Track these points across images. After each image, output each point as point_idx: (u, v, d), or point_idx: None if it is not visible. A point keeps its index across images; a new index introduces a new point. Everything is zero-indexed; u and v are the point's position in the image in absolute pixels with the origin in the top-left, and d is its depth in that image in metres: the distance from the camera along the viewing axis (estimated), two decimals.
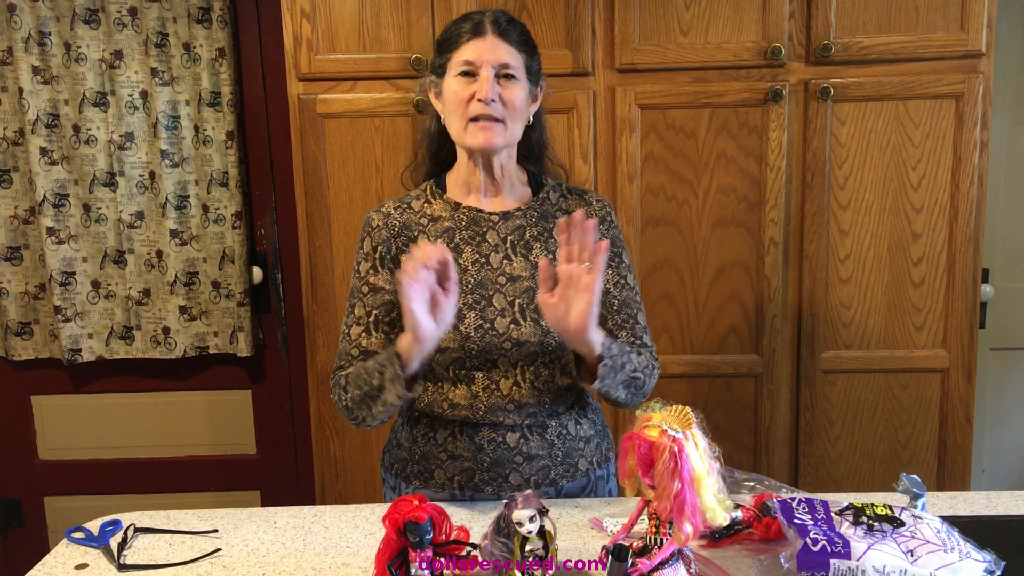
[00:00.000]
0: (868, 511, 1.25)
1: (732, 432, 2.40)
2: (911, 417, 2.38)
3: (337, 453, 2.44)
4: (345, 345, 1.61)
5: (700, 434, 1.18)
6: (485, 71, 1.52)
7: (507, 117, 1.54)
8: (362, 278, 1.61)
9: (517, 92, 1.54)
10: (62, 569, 1.39)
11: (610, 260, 1.62)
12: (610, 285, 1.63)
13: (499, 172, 1.60)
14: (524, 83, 1.56)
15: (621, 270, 1.64)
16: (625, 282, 1.64)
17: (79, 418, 3.00)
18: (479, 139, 1.53)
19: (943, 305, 2.33)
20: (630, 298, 1.64)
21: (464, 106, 1.53)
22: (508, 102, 1.53)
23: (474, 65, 1.52)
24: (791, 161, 2.30)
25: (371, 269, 1.61)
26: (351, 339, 1.60)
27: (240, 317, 2.84)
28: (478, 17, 1.55)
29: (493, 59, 1.52)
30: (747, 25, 2.24)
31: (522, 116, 1.58)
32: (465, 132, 1.54)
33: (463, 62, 1.53)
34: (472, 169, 1.60)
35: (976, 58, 2.22)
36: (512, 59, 1.54)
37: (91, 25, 2.68)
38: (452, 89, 1.54)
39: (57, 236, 2.77)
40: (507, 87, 1.53)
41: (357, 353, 1.58)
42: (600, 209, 1.66)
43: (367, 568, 1.35)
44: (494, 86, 1.52)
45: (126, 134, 2.73)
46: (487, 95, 1.50)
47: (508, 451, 1.59)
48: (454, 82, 1.54)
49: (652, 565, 1.16)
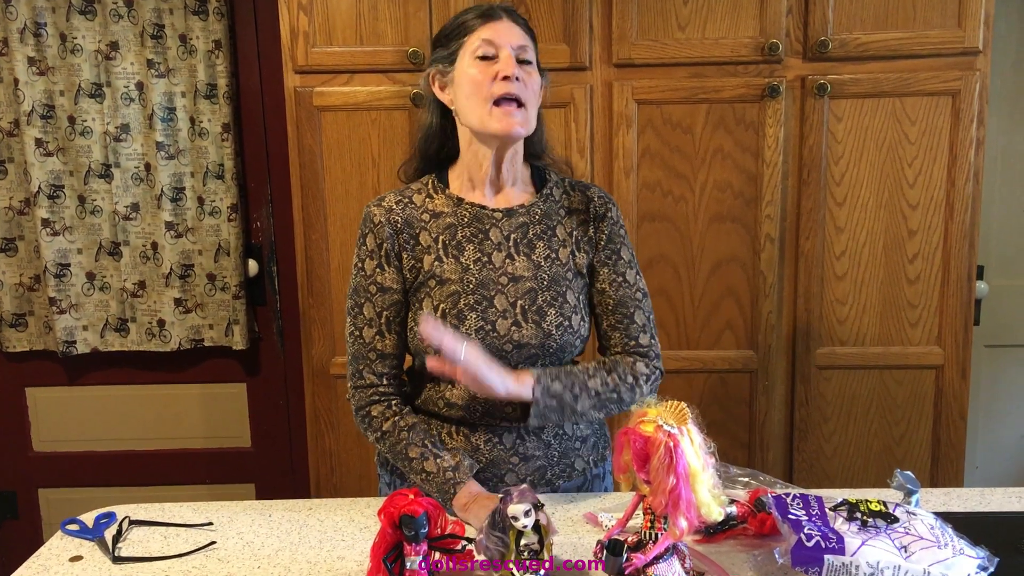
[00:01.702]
0: (862, 507, 1.26)
1: (727, 428, 2.40)
2: (905, 413, 2.38)
3: (332, 447, 2.44)
4: (359, 348, 1.59)
5: (695, 429, 1.18)
6: (506, 51, 1.50)
7: (528, 101, 1.52)
8: (368, 277, 1.59)
9: (535, 77, 1.54)
10: (57, 561, 1.39)
11: (606, 259, 1.62)
12: (605, 284, 1.61)
13: (507, 165, 1.58)
14: (537, 71, 1.56)
15: (619, 267, 1.62)
16: (623, 279, 1.62)
17: (74, 410, 3.00)
18: (504, 124, 1.50)
19: (938, 302, 2.33)
20: (627, 296, 1.61)
21: (486, 87, 1.49)
22: (529, 85, 1.52)
23: (494, 45, 1.50)
24: (787, 157, 2.30)
25: (377, 267, 1.58)
26: (365, 342, 1.59)
27: (235, 310, 2.83)
28: (487, 6, 1.55)
29: (512, 41, 1.51)
30: (744, 21, 2.24)
31: (538, 103, 1.56)
32: (489, 116, 1.50)
33: (482, 42, 1.51)
34: (480, 162, 1.58)
35: (973, 55, 2.22)
36: (527, 43, 1.54)
37: (87, 16, 2.67)
38: (469, 73, 1.51)
39: (52, 228, 2.76)
40: (526, 71, 1.52)
41: (374, 357, 1.58)
42: (601, 205, 1.63)
43: (362, 561, 1.35)
44: (517, 67, 1.50)
45: (122, 126, 2.72)
46: (513, 71, 1.48)
47: (504, 451, 1.58)
48: (471, 65, 1.51)
49: (647, 560, 1.16)
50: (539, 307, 1.55)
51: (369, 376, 1.59)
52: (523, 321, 1.55)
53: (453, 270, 1.56)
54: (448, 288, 1.55)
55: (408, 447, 1.55)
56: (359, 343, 1.59)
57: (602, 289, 1.62)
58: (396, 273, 1.58)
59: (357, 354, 1.60)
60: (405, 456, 1.55)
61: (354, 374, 1.61)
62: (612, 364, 1.59)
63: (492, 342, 1.53)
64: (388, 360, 1.60)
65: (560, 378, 1.52)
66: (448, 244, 1.57)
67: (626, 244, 1.65)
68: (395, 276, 1.58)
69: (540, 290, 1.56)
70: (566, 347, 1.57)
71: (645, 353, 1.61)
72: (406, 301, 1.59)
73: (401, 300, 1.59)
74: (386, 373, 1.60)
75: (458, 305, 1.54)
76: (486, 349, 1.52)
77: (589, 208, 1.63)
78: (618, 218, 1.65)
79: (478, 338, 1.53)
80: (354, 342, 1.60)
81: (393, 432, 1.57)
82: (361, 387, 1.60)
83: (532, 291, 1.56)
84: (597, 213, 1.62)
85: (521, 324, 1.54)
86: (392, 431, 1.57)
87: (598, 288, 1.62)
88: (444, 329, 1.43)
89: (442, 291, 1.55)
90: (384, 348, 1.59)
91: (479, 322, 1.54)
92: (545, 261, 1.58)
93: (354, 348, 1.60)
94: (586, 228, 1.62)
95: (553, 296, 1.56)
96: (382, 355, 1.59)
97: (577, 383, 1.54)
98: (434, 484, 1.52)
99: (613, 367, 1.58)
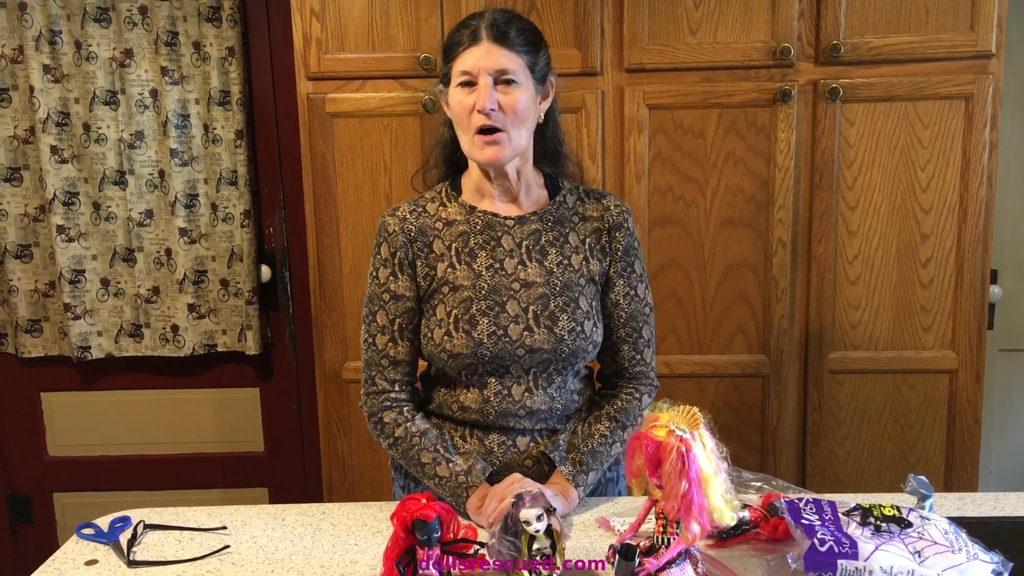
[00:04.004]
0: (875, 512, 1.25)
1: (739, 432, 2.40)
2: (919, 418, 2.37)
3: (345, 451, 2.45)
4: (372, 355, 1.61)
5: (707, 434, 1.18)
6: (483, 79, 1.49)
7: (508, 125, 1.50)
8: (382, 285, 1.60)
9: (518, 97, 1.50)
10: (72, 565, 1.40)
11: (621, 270, 1.62)
12: (619, 296, 1.62)
13: (514, 177, 1.59)
14: (527, 85, 1.52)
15: (632, 280, 1.63)
16: (635, 293, 1.63)
17: (88, 415, 3.02)
18: (486, 154, 1.51)
19: (951, 306, 2.32)
20: (638, 311, 1.63)
21: (467, 118, 1.51)
22: (508, 109, 1.49)
23: (471, 75, 1.50)
24: (799, 161, 2.29)
25: (391, 276, 1.59)
26: (378, 349, 1.60)
27: (248, 315, 2.85)
28: (475, 23, 1.52)
29: (489, 66, 1.49)
30: (756, 25, 2.24)
31: (526, 121, 1.54)
32: (472, 145, 1.53)
33: (461, 72, 1.51)
34: (484, 178, 1.59)
35: (986, 59, 2.21)
36: (510, 63, 1.50)
37: (101, 24, 2.69)
38: (456, 100, 1.53)
39: (67, 234, 2.78)
40: (507, 93, 1.50)
41: (387, 363, 1.60)
42: (618, 215, 1.63)
43: (375, 566, 1.35)
44: (491, 94, 1.48)
45: (136, 133, 2.74)
46: (484, 106, 1.48)
47: (518, 454, 1.59)
48: (456, 93, 1.53)
49: (659, 564, 1.17)
50: (551, 312, 1.56)
51: (381, 383, 1.61)
52: (535, 326, 1.55)
53: (466, 276, 1.57)
54: (461, 294, 1.56)
55: (420, 452, 1.56)
56: (372, 350, 1.61)
57: (616, 301, 1.63)
58: (410, 281, 1.59)
59: (370, 361, 1.62)
60: (417, 461, 1.56)
61: (367, 380, 1.62)
62: (623, 414, 1.63)
63: (504, 347, 1.54)
64: (400, 367, 1.61)
65: (592, 467, 1.57)
66: (461, 251, 1.58)
67: (639, 256, 1.65)
68: (408, 284, 1.59)
69: (552, 296, 1.56)
70: (578, 352, 1.57)
71: (647, 373, 1.67)
72: (419, 309, 1.60)
73: (414, 308, 1.60)
74: (398, 380, 1.61)
75: (470, 311, 1.55)
76: (498, 353, 1.53)
77: (604, 217, 1.63)
78: (633, 229, 1.65)
79: (490, 343, 1.54)
80: (367, 349, 1.62)
81: (405, 438, 1.58)
82: (373, 393, 1.61)
83: (544, 296, 1.56)
84: (614, 222, 1.62)
85: (533, 329, 1.55)
86: (404, 437, 1.58)
87: (612, 300, 1.63)
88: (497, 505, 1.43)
89: (455, 297, 1.56)
90: (396, 355, 1.60)
91: (491, 327, 1.54)
92: (558, 267, 1.58)
93: (367, 355, 1.62)
94: (599, 236, 1.62)
95: (565, 302, 1.57)
96: (395, 362, 1.60)
97: (605, 458, 1.60)
98: (447, 488, 1.53)
99: (624, 417, 1.62)
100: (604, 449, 1.59)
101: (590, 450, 1.57)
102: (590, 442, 1.58)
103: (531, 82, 1.53)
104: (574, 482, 1.54)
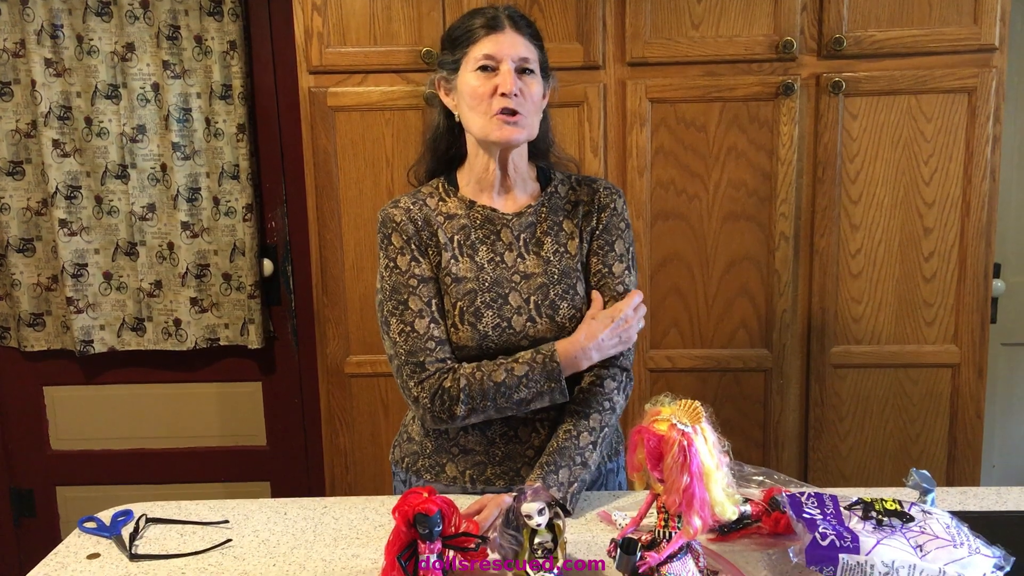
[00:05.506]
0: (877, 506, 1.25)
1: (741, 426, 2.40)
2: (921, 412, 2.37)
3: (347, 445, 2.45)
4: (415, 342, 1.54)
5: (709, 428, 1.18)
6: (506, 65, 1.52)
7: (528, 111, 1.54)
8: (405, 272, 1.56)
9: (536, 87, 1.55)
10: (75, 559, 1.40)
11: (598, 248, 1.62)
12: (591, 275, 1.62)
13: (512, 169, 1.60)
14: (539, 77, 1.57)
15: (608, 259, 1.61)
16: (609, 271, 1.61)
17: (91, 409, 3.02)
18: (504, 132, 1.52)
19: (954, 300, 2.32)
20: (607, 288, 1.60)
21: (486, 101, 1.52)
22: (527, 96, 1.53)
23: (494, 59, 1.52)
24: (802, 155, 2.29)
25: (412, 261, 1.57)
26: (420, 334, 1.54)
27: (251, 309, 2.85)
28: (492, 12, 1.55)
29: (513, 53, 1.52)
30: (759, 18, 2.23)
31: (539, 111, 1.58)
32: (490, 125, 1.53)
33: (483, 56, 1.52)
34: (486, 166, 1.59)
35: (989, 52, 2.21)
36: (529, 53, 1.55)
37: (103, 18, 2.69)
38: (471, 84, 1.53)
39: (69, 228, 2.78)
40: (527, 81, 1.54)
41: (433, 345, 1.54)
42: (606, 196, 1.64)
43: (377, 559, 1.35)
44: (516, 80, 1.52)
45: (138, 126, 2.74)
46: (511, 88, 1.50)
47: (520, 446, 1.59)
48: (472, 77, 1.53)
49: (661, 558, 1.16)
50: (551, 301, 1.57)
51: (432, 365, 1.53)
52: (537, 316, 1.56)
53: (468, 268, 1.57)
54: (465, 286, 1.56)
55: (491, 376, 1.51)
56: (413, 337, 1.54)
57: (587, 279, 1.62)
58: (429, 264, 1.58)
59: (413, 348, 1.54)
60: (495, 386, 1.51)
61: (415, 370, 1.54)
62: (584, 404, 1.57)
63: (509, 338, 1.55)
64: (446, 346, 1.55)
65: (561, 464, 1.51)
66: (463, 244, 1.59)
67: (622, 237, 1.63)
68: (430, 266, 1.58)
69: (551, 284, 1.57)
70: None
71: (614, 358, 1.59)
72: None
73: (440, 289, 1.58)
74: (448, 357, 1.55)
75: (475, 303, 1.55)
76: (503, 345, 1.54)
77: (594, 200, 1.64)
78: (622, 210, 1.64)
79: (495, 335, 1.54)
80: (406, 340, 1.54)
81: (471, 382, 1.51)
82: (427, 377, 1.53)
83: (544, 286, 1.57)
84: (601, 203, 1.63)
85: (536, 319, 1.56)
86: (470, 382, 1.51)
87: (585, 278, 1.62)
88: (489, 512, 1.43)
89: (459, 289, 1.56)
90: (440, 335, 1.55)
91: (496, 319, 1.55)
92: (554, 256, 1.59)
93: (408, 345, 1.54)
94: (590, 219, 1.63)
95: (564, 289, 1.58)
96: (440, 341, 1.54)
97: (575, 452, 1.53)
98: (538, 374, 1.51)
99: (585, 407, 1.57)
100: (570, 443, 1.53)
101: (555, 448, 1.53)
102: (555, 441, 1.55)
103: (540, 76, 1.58)
104: (545, 483, 1.49)
